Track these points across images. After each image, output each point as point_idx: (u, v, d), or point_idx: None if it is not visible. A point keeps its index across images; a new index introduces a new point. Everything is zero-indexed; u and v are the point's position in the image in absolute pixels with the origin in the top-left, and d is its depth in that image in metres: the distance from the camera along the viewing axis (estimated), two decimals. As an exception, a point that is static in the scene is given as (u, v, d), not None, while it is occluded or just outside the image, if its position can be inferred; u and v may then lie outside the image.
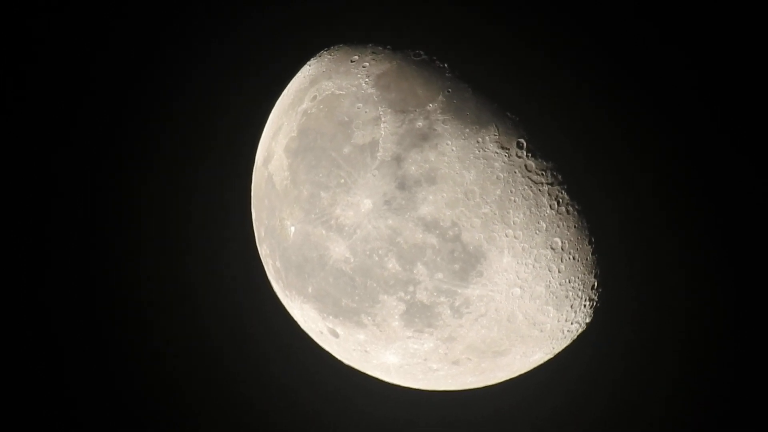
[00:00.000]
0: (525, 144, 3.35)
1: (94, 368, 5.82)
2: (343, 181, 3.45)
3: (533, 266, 3.45)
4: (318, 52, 3.96)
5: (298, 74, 4.02)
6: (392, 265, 3.43)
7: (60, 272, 5.71)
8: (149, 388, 5.86)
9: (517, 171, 3.35)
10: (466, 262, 3.39)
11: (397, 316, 3.56)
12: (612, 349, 5.26)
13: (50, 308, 5.76)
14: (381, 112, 3.42)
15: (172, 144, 5.61)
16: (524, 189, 3.36)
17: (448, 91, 3.38)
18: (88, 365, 5.82)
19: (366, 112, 3.45)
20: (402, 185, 3.35)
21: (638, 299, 4.06)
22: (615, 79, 3.67)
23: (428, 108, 3.37)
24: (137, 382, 5.85)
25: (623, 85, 3.70)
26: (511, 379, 4.22)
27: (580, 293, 3.68)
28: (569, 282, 3.60)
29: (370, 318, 3.62)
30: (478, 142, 3.33)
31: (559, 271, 3.53)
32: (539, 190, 3.39)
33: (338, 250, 3.52)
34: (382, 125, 3.40)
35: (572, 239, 3.50)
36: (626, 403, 5.65)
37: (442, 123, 3.34)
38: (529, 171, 3.36)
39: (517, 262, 3.42)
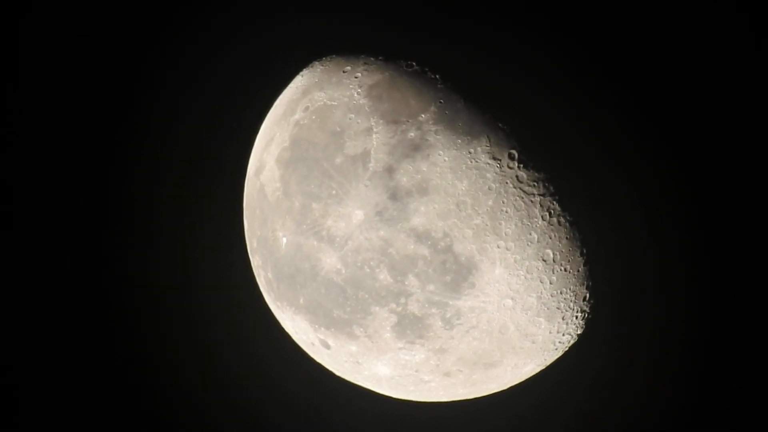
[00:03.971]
0: (517, 155, 3.35)
1: (71, 386, 5.79)
2: (334, 192, 3.44)
3: (525, 277, 3.44)
4: (310, 63, 3.96)
5: (291, 84, 4.01)
6: (384, 276, 3.42)
7: (41, 285, 5.70)
8: (136, 400, 5.82)
9: (508, 182, 3.35)
10: (458, 274, 3.38)
11: (388, 328, 3.54)
12: (604, 360, 5.25)
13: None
14: (373, 123, 3.41)
15: (163, 155, 5.61)
16: (516, 200, 3.36)
17: (440, 102, 3.38)
18: (66, 381, 5.79)
19: (358, 122, 3.45)
20: (394, 196, 3.34)
21: (630, 310, 4.05)
22: (607, 90, 3.68)
23: (420, 118, 3.36)
24: (123, 395, 5.81)
25: (615, 95, 3.71)
26: (502, 391, 4.20)
27: (571, 304, 3.67)
28: (561, 293, 3.59)
29: (361, 329, 3.60)
30: (470, 152, 3.33)
31: (550, 283, 3.52)
32: (531, 201, 3.38)
33: (330, 261, 3.51)
34: (374, 136, 3.39)
35: (564, 251, 3.50)
36: (618, 414, 5.65)
37: (434, 133, 3.34)
38: (521, 182, 3.36)
39: (509, 274, 3.41)
